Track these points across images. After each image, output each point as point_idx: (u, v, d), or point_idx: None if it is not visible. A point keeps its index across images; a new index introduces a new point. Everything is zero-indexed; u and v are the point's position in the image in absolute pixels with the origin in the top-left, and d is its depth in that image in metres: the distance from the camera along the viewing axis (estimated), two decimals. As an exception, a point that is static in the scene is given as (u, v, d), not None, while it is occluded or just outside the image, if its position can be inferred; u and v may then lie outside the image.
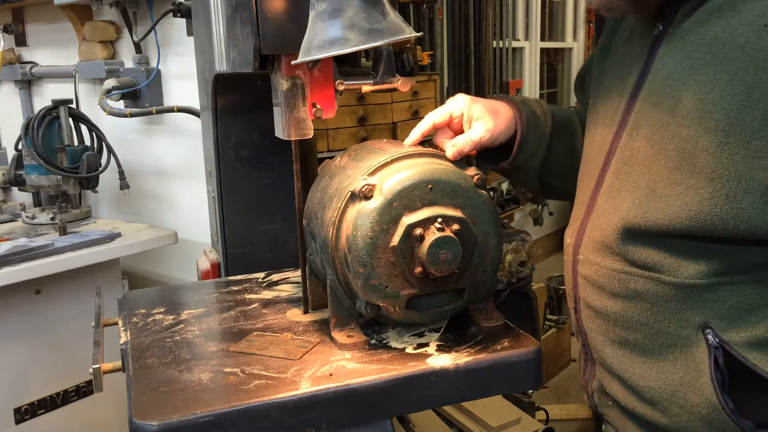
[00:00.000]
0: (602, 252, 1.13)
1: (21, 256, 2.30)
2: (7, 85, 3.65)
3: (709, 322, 1.04)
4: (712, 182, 0.98)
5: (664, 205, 1.03)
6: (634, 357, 1.12)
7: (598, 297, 1.15)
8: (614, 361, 1.15)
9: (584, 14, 6.88)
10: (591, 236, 1.16)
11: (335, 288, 1.21)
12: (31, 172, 2.83)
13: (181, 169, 2.98)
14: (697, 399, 1.05)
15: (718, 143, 0.97)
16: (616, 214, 1.10)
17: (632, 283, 1.09)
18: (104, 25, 3.03)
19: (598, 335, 1.18)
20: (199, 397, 1.05)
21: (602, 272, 1.13)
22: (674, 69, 1.04)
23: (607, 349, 1.16)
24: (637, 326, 1.10)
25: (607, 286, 1.13)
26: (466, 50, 4.96)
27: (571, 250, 1.22)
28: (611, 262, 1.12)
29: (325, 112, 1.28)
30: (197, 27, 1.75)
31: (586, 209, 1.19)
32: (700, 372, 1.05)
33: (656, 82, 1.07)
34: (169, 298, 1.53)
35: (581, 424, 3.51)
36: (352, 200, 1.15)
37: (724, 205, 0.98)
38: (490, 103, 1.32)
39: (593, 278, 1.16)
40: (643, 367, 1.11)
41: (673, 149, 1.02)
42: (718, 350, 1.03)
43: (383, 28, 1.09)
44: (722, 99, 0.96)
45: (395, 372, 1.10)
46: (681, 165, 1.01)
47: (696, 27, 1.03)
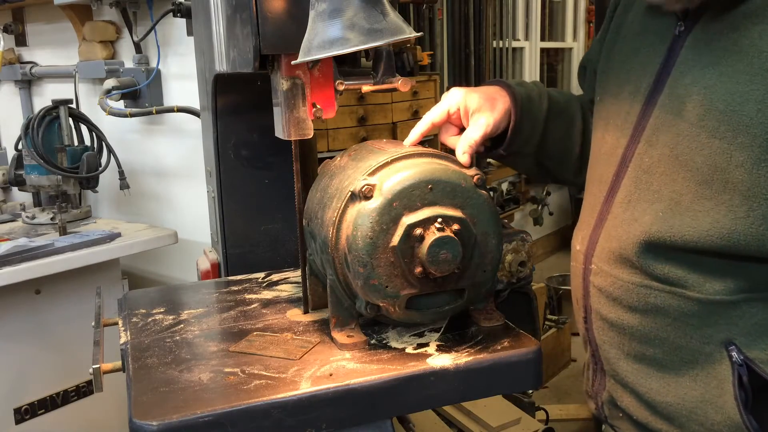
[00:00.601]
0: (620, 264, 1.09)
1: (21, 256, 2.30)
2: (7, 85, 3.65)
3: (733, 339, 1.00)
4: (748, 200, 0.93)
5: (692, 220, 0.98)
6: (651, 372, 1.09)
7: (614, 309, 1.11)
8: (629, 375, 1.12)
9: (584, 14, 6.88)
10: (606, 247, 1.12)
11: (335, 288, 1.21)
12: (31, 172, 2.83)
13: (181, 169, 2.98)
14: (718, 417, 1.02)
15: (756, 159, 0.92)
16: (636, 226, 1.05)
17: (652, 297, 1.05)
18: (104, 25, 3.03)
19: (611, 348, 1.14)
20: (199, 397, 1.05)
21: (619, 285, 1.09)
22: (700, 75, 0.98)
23: (622, 362, 1.13)
24: (656, 341, 1.07)
25: (625, 299, 1.09)
26: (466, 50, 4.96)
27: (582, 258, 1.18)
28: (629, 275, 1.08)
29: (325, 112, 1.28)
30: (197, 27, 1.75)
31: (599, 216, 1.15)
32: (723, 390, 1.01)
33: (680, 88, 1.01)
34: (169, 298, 1.53)
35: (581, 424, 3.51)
36: (352, 200, 1.15)
37: (761, 225, 0.93)
38: (486, 92, 1.28)
39: (609, 290, 1.12)
40: (661, 382, 1.08)
41: (702, 162, 0.97)
42: (743, 368, 1.00)
43: (383, 28, 1.09)
44: (759, 112, 0.91)
45: (395, 372, 1.10)
46: (711, 179, 0.96)
47: (727, 32, 0.96)
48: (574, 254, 1.22)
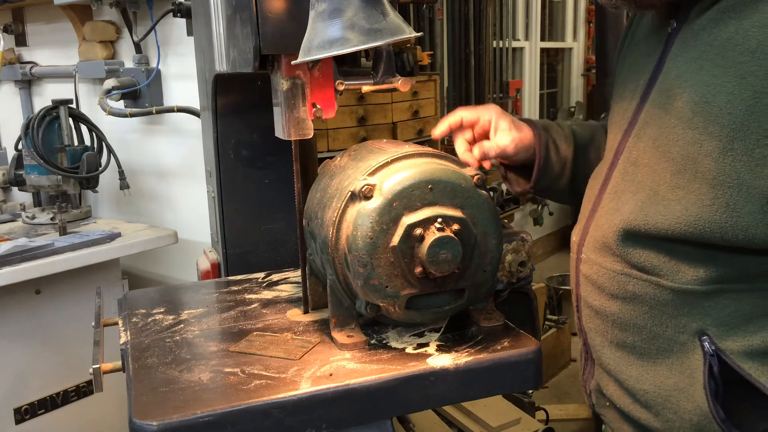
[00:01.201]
0: (603, 252, 1.13)
1: (21, 256, 2.30)
2: (7, 85, 3.65)
3: (705, 329, 1.02)
4: (714, 188, 0.96)
5: (665, 209, 1.02)
6: (631, 359, 1.11)
7: (598, 297, 1.15)
8: (612, 362, 1.14)
9: (584, 14, 6.88)
10: (593, 235, 1.16)
11: (335, 288, 1.21)
12: (31, 172, 2.83)
13: (181, 169, 2.98)
14: (689, 405, 1.04)
15: (722, 149, 0.94)
16: (617, 215, 1.09)
17: (631, 285, 1.08)
18: (104, 25, 3.03)
19: (596, 335, 1.17)
20: (199, 397, 1.05)
21: (602, 272, 1.13)
22: (685, 69, 1.02)
23: (606, 349, 1.15)
24: (635, 329, 1.09)
25: (607, 286, 1.12)
26: (466, 50, 4.97)
27: (576, 248, 1.21)
28: (611, 263, 1.11)
29: (325, 112, 1.28)
30: (197, 27, 1.75)
31: (592, 208, 1.19)
32: (694, 379, 1.03)
33: (667, 82, 1.05)
34: (169, 298, 1.53)
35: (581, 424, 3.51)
36: (352, 200, 1.15)
37: (724, 213, 0.96)
38: (515, 121, 1.36)
39: (594, 278, 1.15)
40: (640, 370, 1.10)
41: (677, 152, 1.00)
42: (714, 358, 1.02)
43: (383, 28, 1.09)
44: (729, 103, 0.94)
45: (395, 372, 1.10)
46: (684, 169, 0.99)
47: (709, 26, 1.00)
48: (571, 245, 1.25)
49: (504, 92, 5.53)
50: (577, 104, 6.62)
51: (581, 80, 6.99)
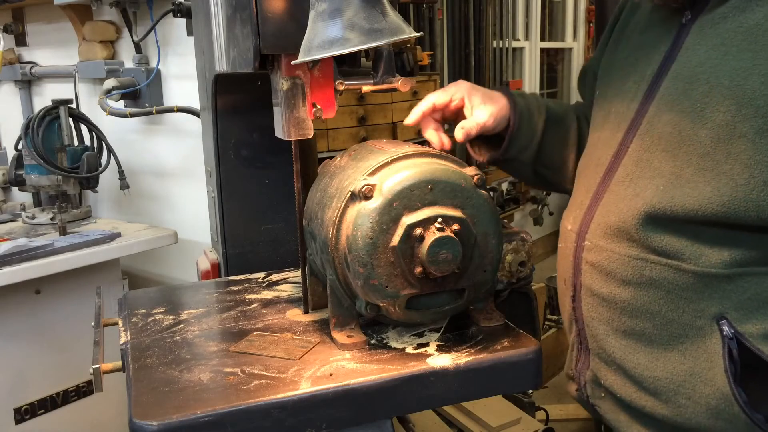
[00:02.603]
0: (617, 238, 1.12)
1: (21, 256, 2.31)
2: (7, 85, 3.65)
3: (725, 313, 1.03)
4: (749, 168, 0.98)
5: (692, 190, 1.02)
6: (638, 347, 1.11)
7: (606, 284, 1.14)
8: (616, 351, 1.14)
9: (584, 14, 6.88)
10: (602, 222, 1.15)
11: (335, 288, 1.21)
12: (31, 172, 2.83)
13: (181, 169, 2.98)
14: (707, 390, 1.04)
15: (758, 129, 0.97)
16: (638, 200, 1.09)
17: (648, 270, 1.08)
18: (104, 25, 3.03)
19: (600, 324, 1.17)
20: (199, 397, 1.05)
21: (614, 258, 1.12)
22: (707, 57, 1.04)
23: (610, 338, 1.15)
24: (647, 315, 1.10)
25: (619, 272, 1.12)
26: (466, 50, 4.96)
27: (574, 237, 1.21)
28: (626, 248, 1.11)
29: (325, 112, 1.28)
30: (197, 27, 1.75)
31: (594, 196, 1.19)
32: (713, 363, 1.04)
33: (686, 70, 1.07)
34: (169, 298, 1.53)
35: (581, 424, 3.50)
36: (352, 200, 1.15)
37: (761, 191, 0.98)
38: (488, 92, 1.35)
39: (603, 264, 1.14)
40: (648, 357, 1.10)
41: (706, 135, 1.01)
42: (733, 341, 1.02)
43: (383, 28, 1.09)
44: (763, 85, 0.96)
45: (395, 372, 1.10)
46: (714, 151, 1.01)
47: (733, 14, 1.03)
48: (564, 234, 1.25)
49: (504, 92, 5.52)
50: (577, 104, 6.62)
51: (581, 80, 6.98)
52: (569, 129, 1.42)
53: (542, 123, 1.38)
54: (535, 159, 1.39)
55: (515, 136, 1.35)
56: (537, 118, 1.38)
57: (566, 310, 1.27)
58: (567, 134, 1.42)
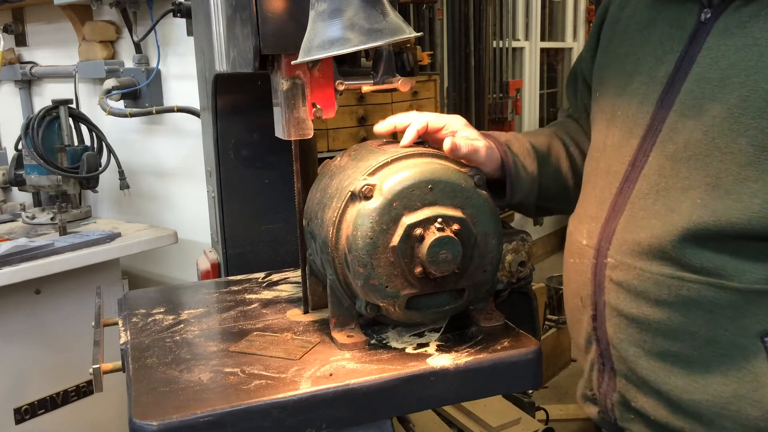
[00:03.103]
0: (648, 256, 1.06)
1: (21, 256, 2.30)
2: (7, 85, 3.65)
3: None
4: None
5: (736, 203, 0.97)
6: (674, 369, 1.05)
7: (636, 304, 1.07)
8: (649, 374, 1.08)
9: (584, 14, 6.88)
10: (629, 239, 1.08)
11: (335, 288, 1.21)
12: (31, 172, 2.83)
13: (181, 169, 2.98)
14: (755, 412, 0.99)
15: None
16: (674, 216, 1.02)
17: (685, 289, 1.02)
18: (104, 25, 3.03)
19: (630, 346, 1.10)
20: (199, 397, 1.05)
21: (646, 277, 1.06)
22: (737, 58, 0.98)
23: (642, 360, 1.09)
24: (685, 336, 1.03)
25: (652, 292, 1.05)
26: (466, 50, 4.96)
27: (593, 253, 1.14)
28: (659, 267, 1.04)
29: (325, 112, 1.28)
30: (197, 27, 1.75)
31: (612, 209, 1.12)
32: (760, 383, 0.99)
33: (713, 71, 1.00)
34: (169, 298, 1.53)
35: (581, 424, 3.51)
36: (352, 200, 1.15)
37: None
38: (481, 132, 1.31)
39: (632, 284, 1.08)
40: (686, 380, 1.04)
41: (746, 143, 0.95)
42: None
43: (383, 28, 1.09)
44: None
45: (395, 372, 1.10)
46: (758, 160, 0.95)
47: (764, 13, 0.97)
48: (578, 249, 1.18)
49: (504, 92, 5.53)
50: (577, 104, 6.62)
51: (581, 80, 6.98)
52: (559, 159, 1.38)
53: (536, 168, 1.34)
54: (537, 198, 1.36)
55: (516, 183, 1.31)
56: (530, 163, 1.33)
57: (583, 329, 1.19)
58: (559, 165, 1.37)
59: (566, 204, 1.39)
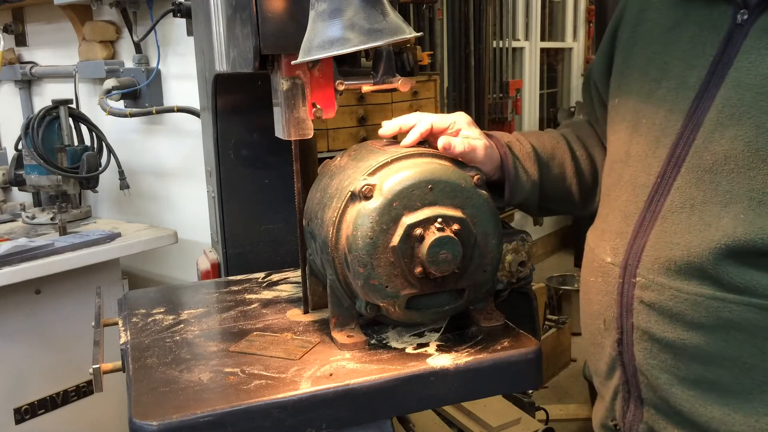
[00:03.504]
0: (684, 275, 0.99)
1: (21, 256, 2.31)
2: (7, 85, 3.65)
3: None
4: None
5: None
6: (711, 397, 0.99)
7: (671, 327, 1.00)
8: (683, 403, 1.01)
9: (584, 14, 6.88)
10: (662, 256, 1.01)
11: (335, 288, 1.21)
12: (31, 172, 2.83)
13: (181, 169, 2.98)
14: None
15: None
16: (712, 231, 0.96)
17: (726, 311, 0.95)
18: (104, 25, 3.03)
19: (662, 372, 1.03)
20: (199, 397, 1.05)
21: (681, 299, 0.99)
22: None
23: (675, 389, 1.02)
24: (725, 362, 0.97)
25: (688, 314, 0.98)
26: (466, 50, 4.96)
27: (619, 272, 1.07)
28: (696, 287, 0.97)
29: (325, 112, 1.28)
30: (197, 27, 1.75)
31: (639, 224, 1.05)
32: None
33: (753, 77, 0.94)
34: (169, 298, 1.53)
35: (581, 424, 3.51)
36: (352, 200, 1.15)
37: None
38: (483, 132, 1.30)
39: (666, 305, 1.00)
40: (725, 409, 0.98)
41: None
42: None
43: (383, 28, 1.09)
44: None
45: (395, 372, 1.10)
46: None
47: None
48: (601, 267, 1.11)
49: (504, 92, 5.53)
50: (577, 104, 6.61)
51: (581, 80, 6.98)
52: (563, 162, 1.34)
53: (537, 172, 1.31)
54: (539, 200, 1.33)
55: (515, 186, 1.28)
56: (531, 166, 1.30)
57: (606, 354, 1.11)
58: (563, 169, 1.34)
59: (571, 206, 1.38)
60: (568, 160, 1.35)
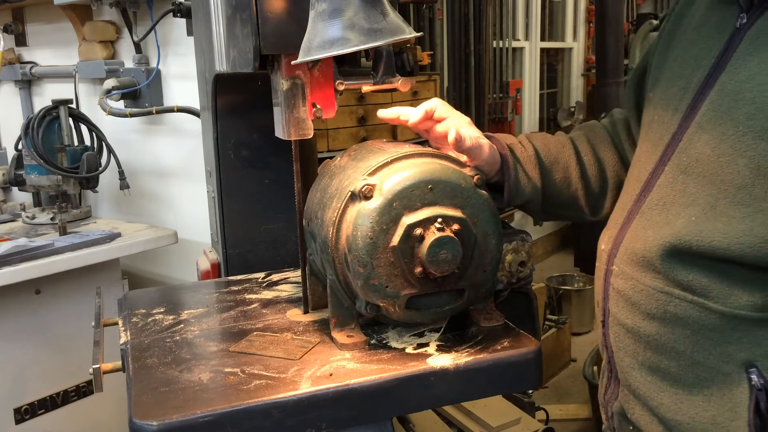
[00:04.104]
0: (641, 267, 1.03)
1: (21, 256, 2.30)
2: (7, 85, 3.65)
3: (755, 361, 0.94)
4: None
5: (725, 226, 0.92)
6: (663, 386, 1.03)
7: (631, 314, 1.05)
8: (641, 387, 1.06)
9: (584, 14, 6.88)
10: (630, 247, 1.06)
11: (335, 288, 1.21)
12: (31, 172, 2.83)
13: (181, 169, 2.98)
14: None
15: None
16: (667, 229, 0.99)
17: (672, 305, 0.99)
18: (104, 25, 3.03)
19: (626, 356, 1.08)
20: (199, 397, 1.05)
21: (639, 288, 1.03)
22: (757, 71, 0.91)
23: (635, 372, 1.07)
24: (673, 353, 1.01)
25: (644, 304, 1.03)
26: (466, 50, 4.97)
27: (605, 258, 1.12)
28: (651, 279, 1.01)
29: (325, 112, 1.28)
30: (197, 27, 1.75)
31: (627, 216, 1.09)
32: (737, 414, 0.96)
33: (733, 83, 0.94)
34: (169, 298, 1.53)
35: (581, 424, 3.51)
36: (352, 200, 1.15)
37: None
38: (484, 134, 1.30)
39: (628, 293, 1.06)
40: (673, 398, 1.02)
41: (744, 165, 0.90)
42: (762, 393, 0.93)
43: (383, 28, 1.09)
44: None
45: (395, 372, 1.10)
46: (753, 184, 0.90)
47: None
48: (599, 254, 1.16)
49: (504, 92, 5.54)
50: (577, 104, 6.62)
51: (581, 80, 7.00)
52: (568, 167, 1.33)
53: (537, 172, 1.31)
54: (542, 204, 1.33)
55: (515, 189, 1.28)
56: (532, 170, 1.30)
57: (599, 334, 1.18)
58: (567, 173, 1.33)
59: (577, 212, 1.36)
60: (573, 165, 1.33)
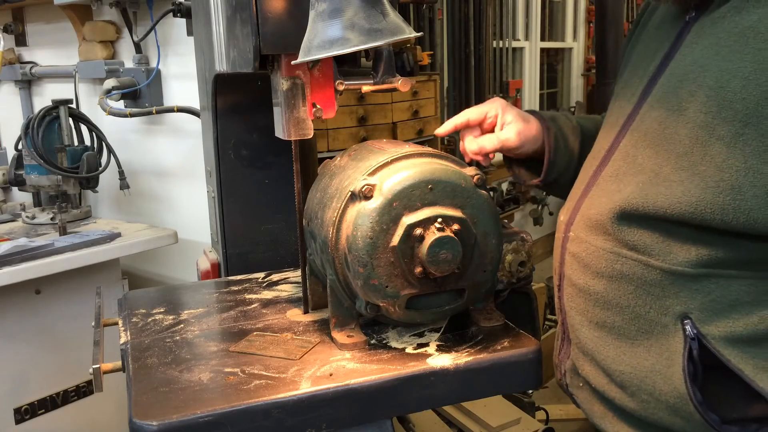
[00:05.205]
0: (594, 231, 1.13)
1: (21, 256, 2.30)
2: (7, 85, 3.65)
3: (689, 313, 1.04)
4: (721, 171, 0.97)
5: (666, 189, 1.03)
6: (609, 339, 1.12)
7: (583, 275, 1.15)
8: (589, 342, 1.15)
9: (584, 14, 6.88)
10: (585, 215, 1.16)
11: (335, 288, 1.21)
12: (31, 172, 2.83)
13: (181, 169, 2.98)
14: (666, 387, 1.06)
15: (734, 133, 0.96)
16: (618, 196, 1.09)
17: (619, 263, 1.09)
18: (104, 25, 3.03)
19: (576, 314, 1.17)
20: (199, 397, 1.05)
21: (591, 250, 1.13)
22: (700, 55, 1.03)
23: (584, 329, 1.16)
24: (617, 308, 1.10)
25: (594, 264, 1.13)
26: (466, 50, 4.96)
27: (563, 227, 1.22)
28: (602, 242, 1.12)
29: (325, 112, 1.28)
30: (197, 27, 1.75)
31: (585, 189, 1.19)
32: (672, 361, 1.05)
33: (680, 68, 1.07)
34: (169, 298, 1.53)
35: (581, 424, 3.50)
36: (352, 200, 1.15)
37: (728, 196, 0.97)
38: (522, 113, 1.38)
39: (581, 256, 1.15)
40: (617, 350, 1.11)
41: (686, 135, 1.01)
42: (694, 341, 1.03)
43: (383, 28, 1.09)
44: (743, 89, 0.95)
45: (395, 372, 1.10)
46: (691, 151, 1.00)
47: (730, 14, 1.02)
48: (558, 225, 1.26)
49: (504, 92, 5.54)
50: (577, 104, 6.62)
51: (581, 80, 7.00)
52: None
53: (578, 145, 1.39)
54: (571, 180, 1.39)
55: (554, 160, 1.37)
56: (572, 141, 1.39)
57: (555, 299, 1.28)
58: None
59: None
60: None
